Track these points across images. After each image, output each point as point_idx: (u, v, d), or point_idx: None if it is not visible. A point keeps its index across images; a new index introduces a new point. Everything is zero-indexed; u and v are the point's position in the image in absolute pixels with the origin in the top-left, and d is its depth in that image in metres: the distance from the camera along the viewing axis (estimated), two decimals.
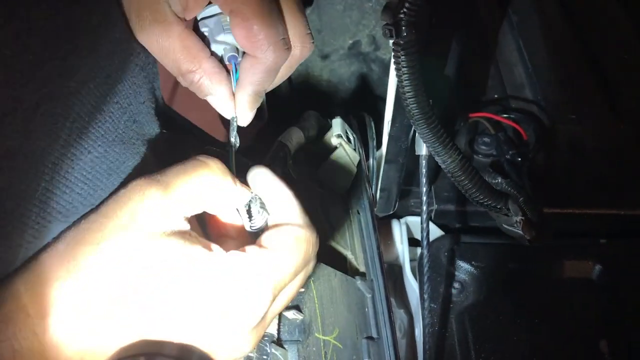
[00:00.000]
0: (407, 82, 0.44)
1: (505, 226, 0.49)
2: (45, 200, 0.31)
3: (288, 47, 0.39)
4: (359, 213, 0.68)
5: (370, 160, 0.71)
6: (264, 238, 0.38)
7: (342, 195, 0.67)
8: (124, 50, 0.37)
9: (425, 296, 0.57)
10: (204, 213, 0.38)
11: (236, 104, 0.41)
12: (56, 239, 0.33)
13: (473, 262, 0.67)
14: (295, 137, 0.62)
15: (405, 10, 0.42)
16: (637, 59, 0.80)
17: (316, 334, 0.50)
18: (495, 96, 0.82)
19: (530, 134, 0.75)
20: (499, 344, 0.60)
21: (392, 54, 0.45)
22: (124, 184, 0.36)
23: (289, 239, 0.38)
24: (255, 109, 0.43)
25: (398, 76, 0.45)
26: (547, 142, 0.75)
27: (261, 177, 0.41)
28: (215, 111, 0.44)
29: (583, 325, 0.61)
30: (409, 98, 0.45)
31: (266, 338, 0.45)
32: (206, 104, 0.45)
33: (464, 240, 0.69)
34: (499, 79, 0.84)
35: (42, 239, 0.32)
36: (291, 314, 0.49)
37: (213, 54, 0.41)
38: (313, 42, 0.43)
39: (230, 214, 0.40)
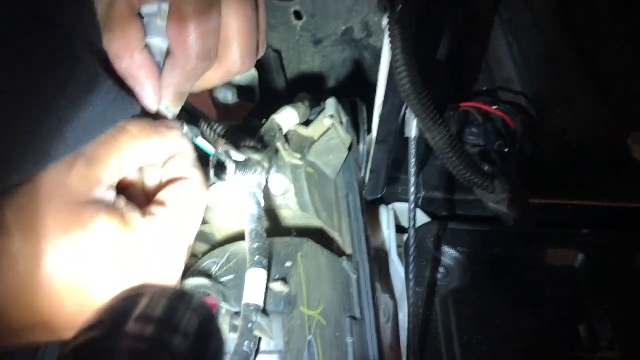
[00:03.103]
0: (399, 56, 0.45)
1: (492, 204, 0.49)
2: (46, 149, 0.33)
3: (212, 59, 0.40)
4: (348, 196, 0.68)
5: (361, 145, 0.72)
6: (163, 196, 0.41)
7: (332, 177, 0.67)
8: None
9: (411, 277, 0.58)
10: None
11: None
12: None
13: (459, 248, 0.68)
14: (289, 116, 0.62)
15: None
16: (626, 54, 0.82)
17: (301, 308, 0.50)
18: (485, 88, 0.83)
19: (518, 125, 0.76)
20: (481, 327, 0.61)
21: (388, 27, 0.45)
22: None
23: (183, 197, 0.42)
24: (180, 106, 0.43)
25: (392, 49, 0.45)
26: (534, 135, 0.76)
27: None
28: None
29: (564, 310, 0.62)
30: (402, 73, 0.45)
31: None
32: None
33: (450, 227, 0.70)
34: (488, 73, 0.85)
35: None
36: (278, 286, 0.49)
37: (147, 46, 0.40)
38: (254, 62, 0.45)
39: (153, 175, 0.43)
